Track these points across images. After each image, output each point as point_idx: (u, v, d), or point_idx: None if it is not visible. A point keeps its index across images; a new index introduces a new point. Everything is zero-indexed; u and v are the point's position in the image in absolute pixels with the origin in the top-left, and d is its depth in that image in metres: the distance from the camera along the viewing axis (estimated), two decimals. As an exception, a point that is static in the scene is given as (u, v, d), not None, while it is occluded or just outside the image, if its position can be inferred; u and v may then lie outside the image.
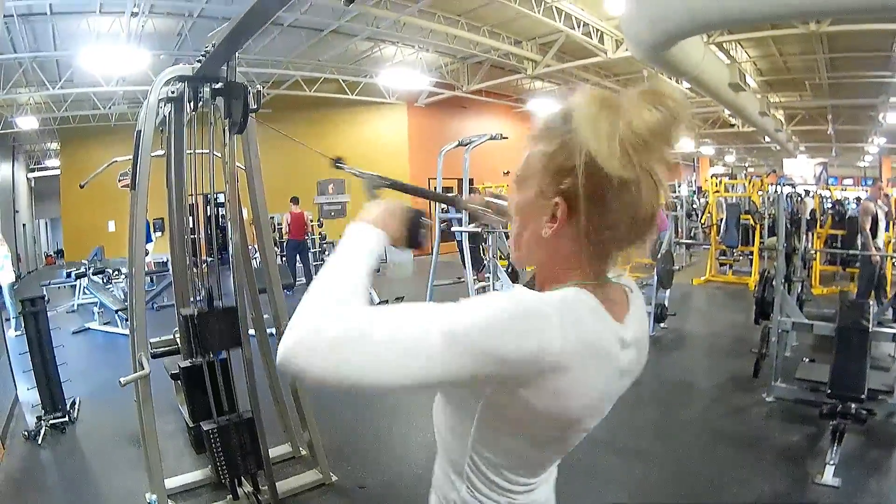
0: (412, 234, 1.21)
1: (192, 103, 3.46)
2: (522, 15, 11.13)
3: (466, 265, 9.40)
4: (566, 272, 1.06)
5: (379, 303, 8.65)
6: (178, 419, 4.67)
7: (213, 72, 3.25)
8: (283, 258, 12.16)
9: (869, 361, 4.77)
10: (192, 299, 3.88)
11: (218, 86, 3.24)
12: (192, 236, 4.06)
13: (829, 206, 13.11)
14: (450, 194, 1.15)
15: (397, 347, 0.89)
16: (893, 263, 9.18)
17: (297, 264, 12.39)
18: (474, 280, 9.43)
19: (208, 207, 4.04)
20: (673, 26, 7.54)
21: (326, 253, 13.96)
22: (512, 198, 1.14)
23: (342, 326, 0.89)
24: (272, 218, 11.52)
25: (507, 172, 16.21)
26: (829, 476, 3.99)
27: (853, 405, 4.25)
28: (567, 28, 11.73)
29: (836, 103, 18.34)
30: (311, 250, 13.19)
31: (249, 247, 4.55)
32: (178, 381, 3.90)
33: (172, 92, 3.51)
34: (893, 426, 4.80)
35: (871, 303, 5.33)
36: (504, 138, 9.88)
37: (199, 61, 3.31)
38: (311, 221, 13.96)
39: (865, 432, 4.58)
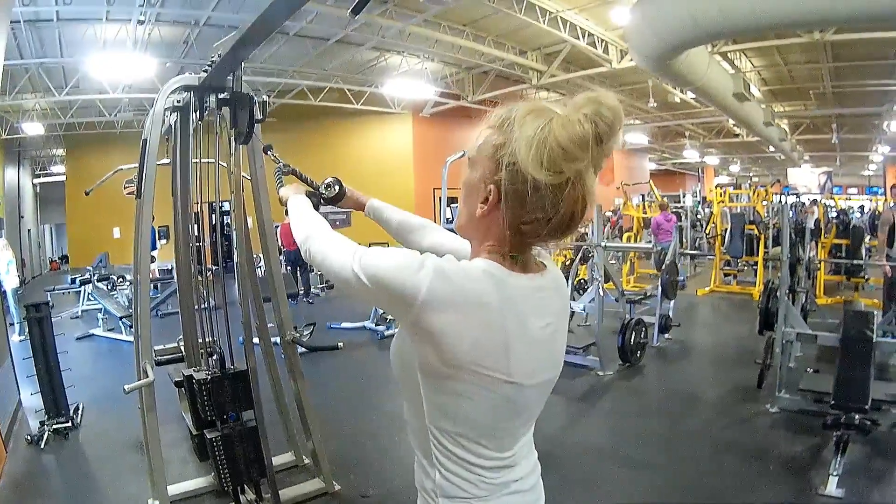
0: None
1: (197, 113, 3.47)
2: (527, 25, 11.12)
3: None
4: (487, 249, 1.23)
5: (383, 312, 8.73)
6: (182, 427, 4.67)
7: (218, 81, 3.27)
8: (288, 267, 12.15)
9: (873, 372, 4.76)
10: (203, 357, 3.88)
11: (224, 95, 3.26)
12: (198, 244, 4.08)
13: (834, 215, 13.07)
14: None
15: (339, 258, 1.23)
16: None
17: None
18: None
19: (213, 216, 4.05)
20: (677, 36, 7.55)
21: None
22: (464, 173, 1.29)
23: (322, 240, 1.35)
24: (277, 227, 11.53)
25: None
26: (832, 487, 3.98)
27: (857, 416, 4.23)
28: (572, 38, 11.73)
29: (840, 112, 18.30)
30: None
31: (254, 255, 4.55)
32: (182, 389, 3.91)
33: (178, 101, 3.53)
34: (899, 436, 4.79)
35: (875, 312, 5.30)
36: (509, 149, 9.92)
37: (205, 71, 3.33)
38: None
39: (869, 443, 4.56)
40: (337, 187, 1.90)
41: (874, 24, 8.24)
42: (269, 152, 2.16)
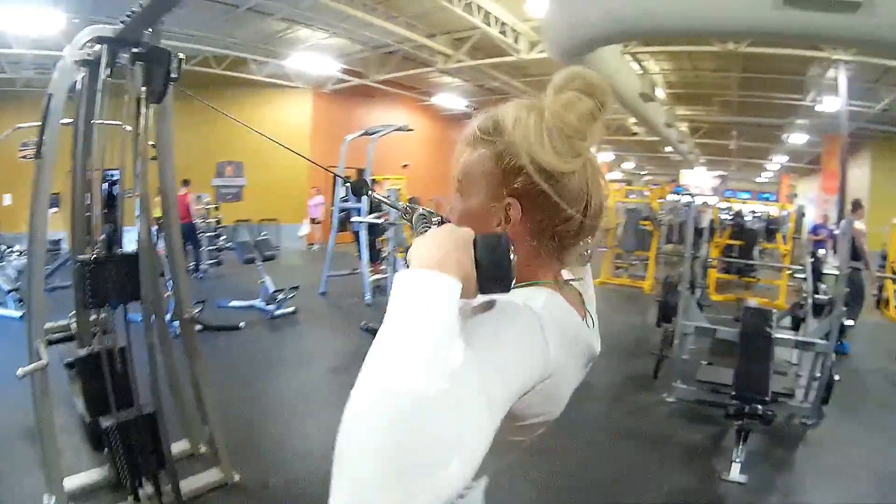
0: (495, 269, 0.85)
1: (109, 68, 3.20)
2: (440, 8, 11.06)
3: (363, 257, 9.63)
4: (529, 271, 1.05)
5: (274, 291, 8.48)
6: (72, 412, 4.33)
7: (136, 35, 3.03)
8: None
9: (772, 366, 4.99)
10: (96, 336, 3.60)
11: (139, 50, 3.02)
12: (88, 213, 3.76)
13: (730, 217, 13.70)
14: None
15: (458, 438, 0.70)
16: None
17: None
18: (370, 272, 9.53)
19: (106, 184, 3.79)
20: (594, 33, 7.62)
21: (221, 237, 13.41)
22: (455, 207, 1.11)
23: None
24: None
25: (406, 165, 16.06)
26: (735, 473, 4.17)
27: (760, 406, 4.43)
28: (484, 25, 11.75)
29: (743, 120, 19.10)
30: (205, 234, 12.70)
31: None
32: (73, 371, 3.65)
33: (89, 54, 3.24)
34: (794, 427, 5.09)
35: (773, 311, 5.57)
36: (410, 130, 10.14)
37: (122, 23, 3.07)
38: (209, 205, 13.48)
39: (766, 432, 4.79)
40: None
41: (774, 38, 8.57)
42: (365, 192, 1.79)
